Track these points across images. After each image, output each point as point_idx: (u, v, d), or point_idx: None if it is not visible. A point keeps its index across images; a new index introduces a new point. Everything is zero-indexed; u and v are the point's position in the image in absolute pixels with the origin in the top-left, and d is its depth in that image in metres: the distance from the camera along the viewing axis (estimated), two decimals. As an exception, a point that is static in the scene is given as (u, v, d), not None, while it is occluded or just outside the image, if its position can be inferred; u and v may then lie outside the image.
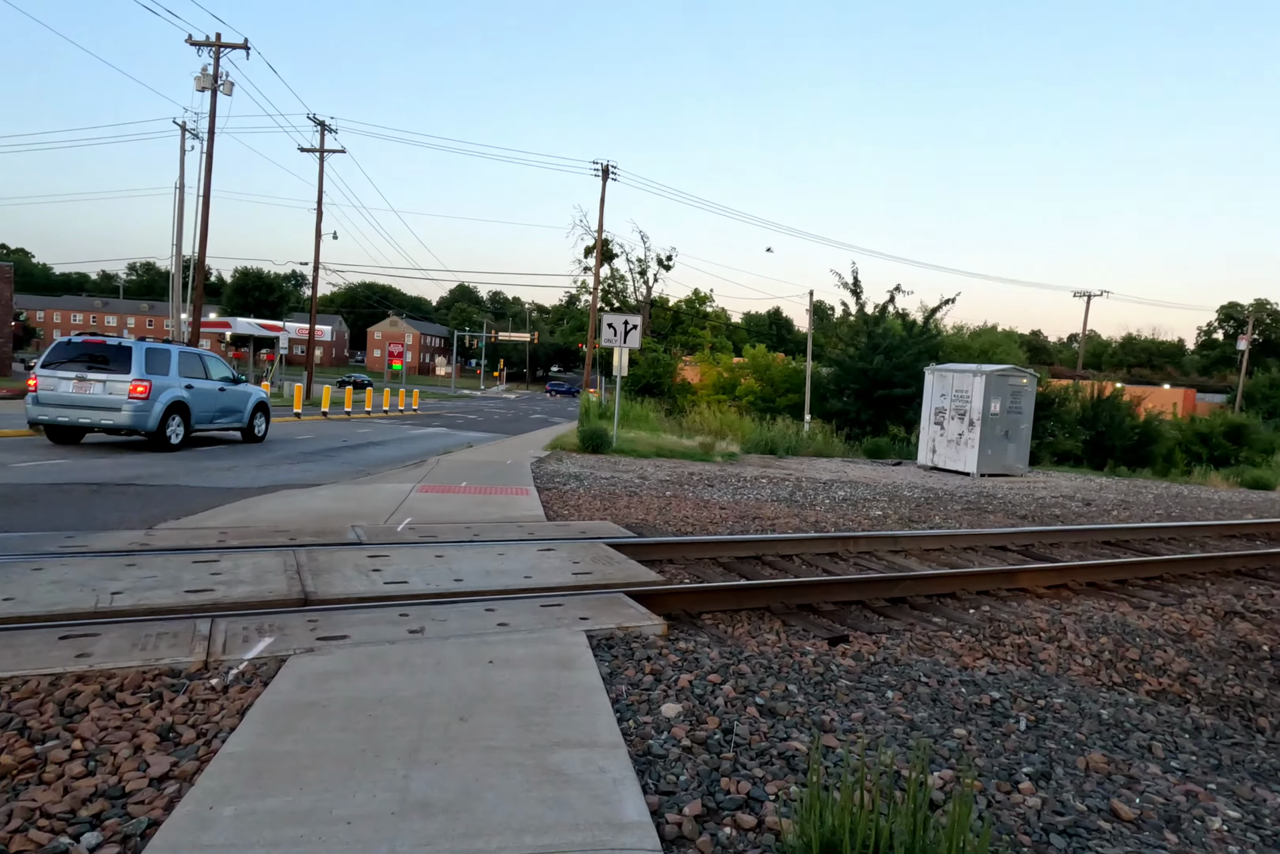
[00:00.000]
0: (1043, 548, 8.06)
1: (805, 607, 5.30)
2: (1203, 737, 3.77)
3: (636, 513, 8.14)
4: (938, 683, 3.97)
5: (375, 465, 11.91)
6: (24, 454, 10.83)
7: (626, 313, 18.37)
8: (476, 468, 11.41)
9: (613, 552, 5.82)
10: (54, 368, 11.49)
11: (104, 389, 11.36)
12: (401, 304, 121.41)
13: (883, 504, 10.58)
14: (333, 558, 5.05)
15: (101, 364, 11.50)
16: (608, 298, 44.32)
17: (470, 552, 5.46)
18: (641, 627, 4.08)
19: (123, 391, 11.33)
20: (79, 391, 11.34)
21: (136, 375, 11.41)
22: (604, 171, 30.10)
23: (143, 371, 11.57)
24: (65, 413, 11.42)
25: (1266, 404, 47.69)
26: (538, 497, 8.64)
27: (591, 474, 11.50)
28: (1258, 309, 70.75)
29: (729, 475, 12.91)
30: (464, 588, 4.55)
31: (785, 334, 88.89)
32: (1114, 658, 4.81)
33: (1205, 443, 32.64)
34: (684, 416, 28.51)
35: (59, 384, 11.37)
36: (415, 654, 3.41)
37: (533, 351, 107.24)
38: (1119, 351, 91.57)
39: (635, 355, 36.97)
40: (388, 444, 16.50)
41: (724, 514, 8.62)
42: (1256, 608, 6.13)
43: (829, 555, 7.01)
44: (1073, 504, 12.25)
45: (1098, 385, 30.18)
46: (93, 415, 11.38)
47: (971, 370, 16.04)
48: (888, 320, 28.89)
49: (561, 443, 16.56)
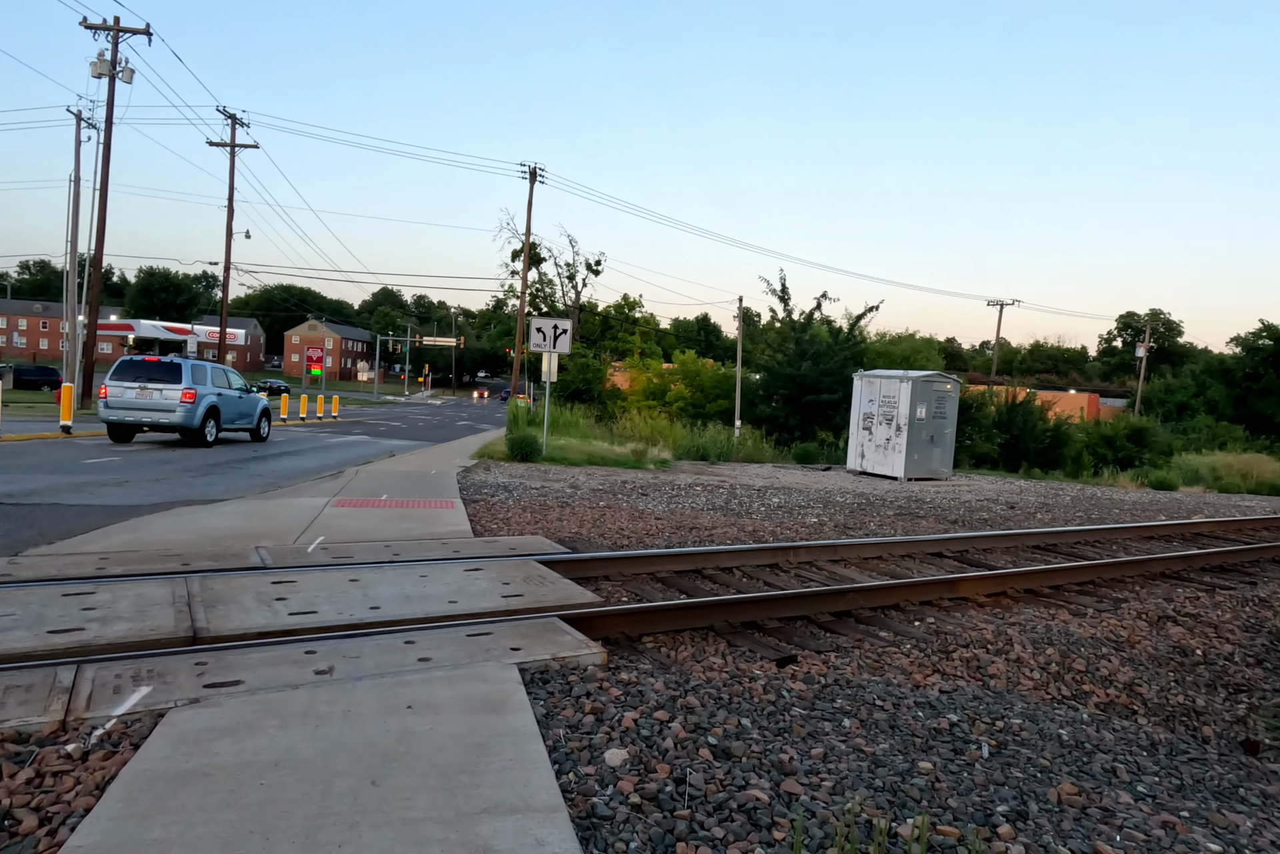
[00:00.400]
0: (977, 553, 8.07)
1: (750, 624, 5.05)
2: (1160, 753, 3.67)
3: (569, 526, 7.77)
4: (893, 706, 3.76)
5: (288, 477, 11.16)
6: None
7: (556, 317, 17.93)
8: (398, 479, 10.82)
9: (545, 570, 5.45)
10: (120, 380, 14.45)
11: (161, 396, 14.46)
12: (321, 307, 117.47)
13: (818, 511, 10.51)
14: (231, 586, 4.52)
15: (158, 377, 14.55)
16: (536, 302, 43.70)
17: (389, 574, 5.00)
18: (579, 656, 3.73)
19: (175, 397, 14.45)
20: (141, 397, 14.43)
21: (186, 385, 14.54)
22: (531, 174, 29.61)
23: (190, 382, 14.63)
24: (130, 414, 14.52)
25: (1162, 408, 50.64)
26: (464, 510, 8.17)
27: (521, 484, 11.06)
28: (1152, 319, 75.35)
29: (663, 483, 12.67)
30: (381, 617, 4.11)
31: (714, 340, 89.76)
32: (1061, 670, 4.72)
33: (1110, 445, 34.28)
34: (614, 423, 28.23)
35: (124, 392, 14.45)
36: (321, 701, 2.97)
37: (459, 357, 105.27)
38: (1028, 358, 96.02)
39: (565, 361, 36.51)
40: (303, 454, 15.62)
41: (660, 525, 8.34)
42: (1186, 611, 6.21)
43: (769, 567, 6.81)
44: (997, 507, 12.48)
45: (1011, 391, 31.32)
46: (152, 416, 14.49)
47: (899, 377, 16.28)
48: (814, 327, 29.32)
49: (489, 451, 16.02)
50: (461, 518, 7.62)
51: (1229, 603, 6.59)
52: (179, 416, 14.51)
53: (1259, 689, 5.12)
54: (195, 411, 14.67)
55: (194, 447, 14.92)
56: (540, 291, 43.95)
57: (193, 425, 14.68)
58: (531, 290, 42.63)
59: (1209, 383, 52.50)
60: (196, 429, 14.80)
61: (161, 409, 14.47)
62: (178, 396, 14.46)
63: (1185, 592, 6.88)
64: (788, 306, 29.18)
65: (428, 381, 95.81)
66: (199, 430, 14.84)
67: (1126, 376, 73.68)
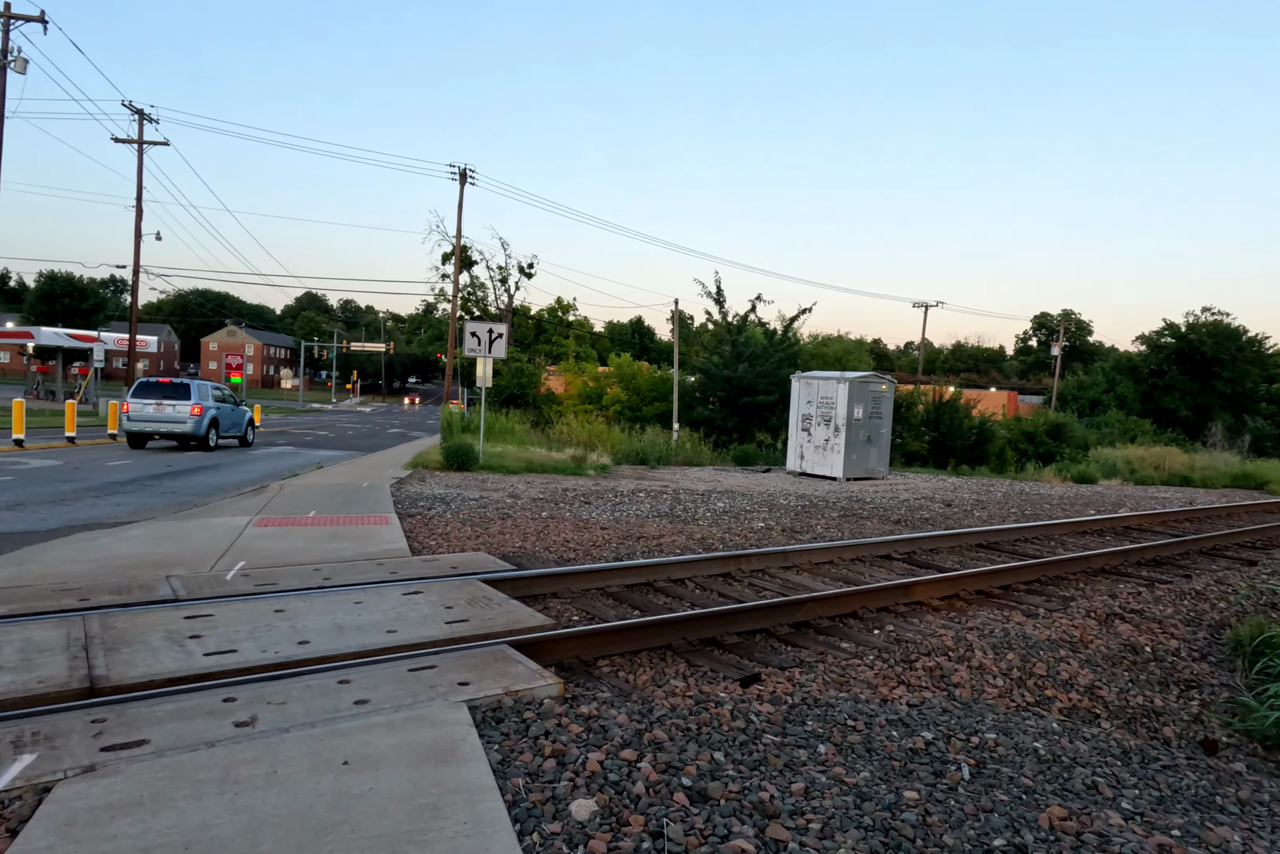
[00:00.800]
0: (924, 554, 8.07)
1: (709, 641, 4.83)
2: (1133, 762, 3.60)
3: (513, 539, 7.42)
4: (865, 725, 3.59)
5: (205, 494, 10.45)
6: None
7: (490, 321, 17.45)
8: (327, 493, 10.25)
9: (490, 590, 5.12)
10: (139, 398, 17.36)
11: (174, 410, 17.31)
12: (241, 312, 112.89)
13: (763, 515, 10.41)
14: (136, 624, 4.05)
15: (171, 395, 17.35)
16: (467, 306, 42.81)
17: (319, 602, 4.59)
18: (533, 689, 3.44)
19: (186, 411, 17.36)
20: (158, 412, 17.30)
21: (194, 401, 17.46)
22: (461, 175, 28.95)
23: (198, 398, 17.56)
24: (149, 425, 17.41)
25: (1076, 404, 53.00)
26: (400, 525, 7.72)
27: (459, 495, 10.63)
28: (1065, 319, 78.97)
29: (605, 490, 12.40)
30: (311, 653, 3.73)
31: (648, 343, 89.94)
32: (1024, 675, 4.66)
33: (1031, 441, 35.57)
34: (551, 428, 27.79)
35: (144, 408, 17.27)
36: (242, 761, 2.60)
37: (388, 363, 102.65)
38: (950, 358, 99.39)
39: (499, 365, 35.85)
40: (222, 468, 14.74)
41: (606, 535, 8.07)
42: (1130, 607, 6.29)
43: (722, 576, 6.62)
44: (935, 506, 12.64)
45: (938, 390, 32.20)
46: (167, 426, 17.40)
47: (836, 378, 16.42)
48: (749, 329, 29.52)
49: (424, 460, 15.45)
50: (397, 535, 7.18)
51: (1169, 597, 6.72)
52: (189, 427, 17.46)
53: (1207, 684, 5.18)
54: (202, 422, 17.61)
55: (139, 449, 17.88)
56: (472, 295, 43.06)
57: (200, 434, 17.62)
58: (463, 294, 41.74)
59: (1118, 379, 55.20)
60: (203, 436, 17.67)
61: (174, 421, 17.41)
62: (188, 410, 17.44)
63: (1127, 587, 6.99)
64: (723, 309, 29.32)
65: (356, 388, 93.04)
66: (204, 437, 17.70)
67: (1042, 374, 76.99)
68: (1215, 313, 54.52)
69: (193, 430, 17.44)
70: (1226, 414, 49.42)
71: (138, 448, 17.81)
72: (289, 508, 8.64)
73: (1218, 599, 6.90)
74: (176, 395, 17.37)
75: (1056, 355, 53.42)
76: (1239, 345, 52.43)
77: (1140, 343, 58.19)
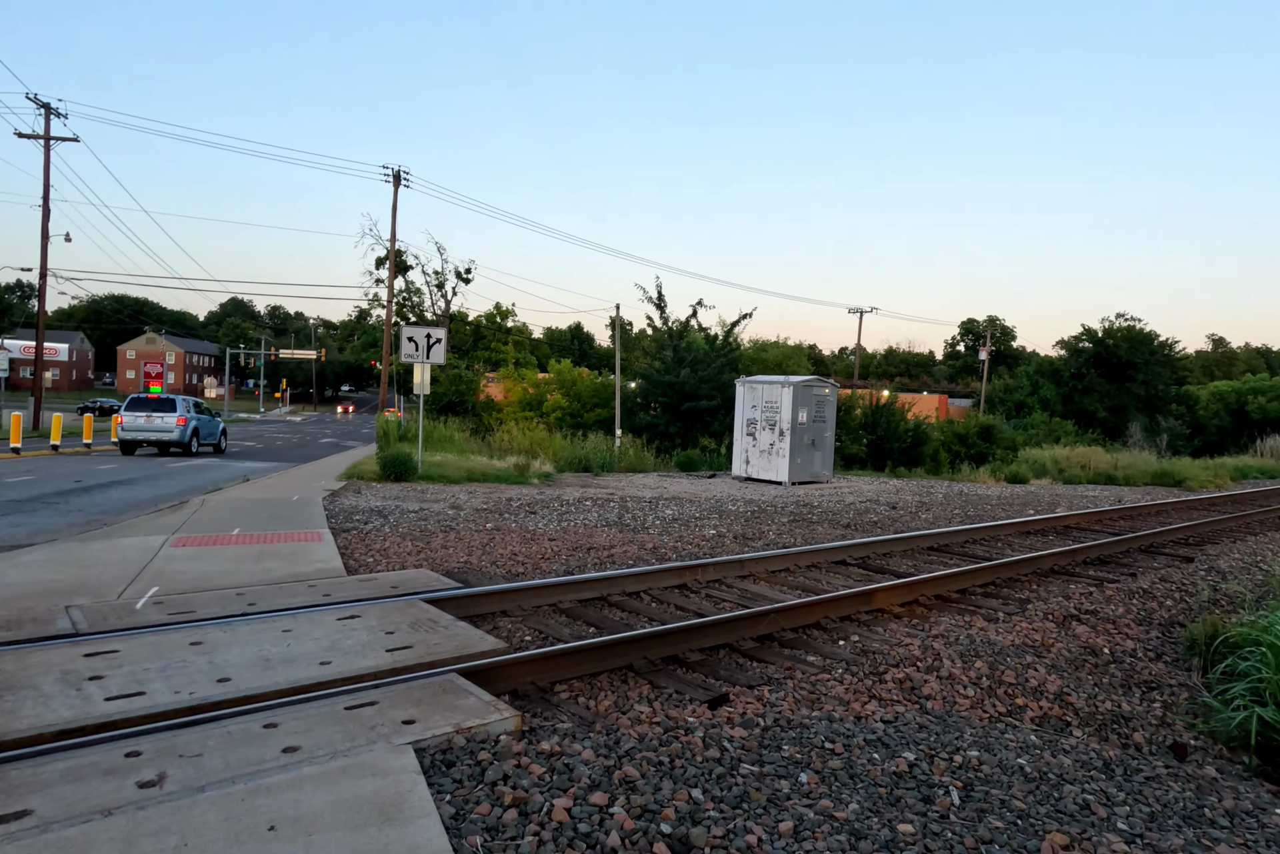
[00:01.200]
0: (878, 559, 7.99)
1: (671, 659, 4.57)
2: (1117, 775, 3.47)
3: (457, 554, 7.02)
4: (844, 748, 3.38)
5: (117, 512, 9.68)
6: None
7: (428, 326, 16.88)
8: (254, 508, 9.61)
9: (435, 611, 4.75)
10: (133, 411, 19.90)
11: (163, 421, 19.92)
12: (161, 319, 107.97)
13: (714, 522, 10.23)
14: (26, 664, 3.55)
15: (158, 408, 20.06)
16: (403, 312, 41.75)
17: (243, 632, 4.15)
18: (488, 724, 3.11)
19: (173, 422, 19.97)
20: (147, 423, 19.87)
21: (180, 413, 20.14)
22: (395, 177, 28.17)
23: (182, 411, 20.25)
24: (140, 434, 19.90)
25: (1003, 406, 54.87)
26: (334, 542, 7.22)
27: (398, 507, 10.12)
28: (990, 324, 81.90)
29: (550, 499, 12.04)
30: (232, 692, 3.31)
31: (587, 349, 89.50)
32: (993, 684, 4.53)
33: (963, 442, 36.58)
34: (491, 436, 27.22)
35: (136, 419, 19.81)
36: (146, 833, 2.21)
37: (320, 370, 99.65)
38: (883, 363, 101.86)
39: (437, 372, 35.01)
40: (138, 482, 13.80)
41: (555, 546, 7.73)
42: (1085, 608, 6.29)
43: (678, 588, 6.38)
44: (881, 508, 12.69)
45: (875, 393, 32.81)
46: (156, 435, 19.93)
47: (780, 382, 16.42)
48: (690, 334, 29.51)
49: (359, 471, 14.80)
50: (331, 552, 6.70)
51: (1119, 596, 6.76)
52: (175, 435, 20.13)
53: (1166, 685, 5.16)
54: (186, 431, 20.33)
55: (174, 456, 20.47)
56: (408, 300, 42.02)
57: (185, 440, 20.34)
58: (398, 299, 40.68)
59: (1041, 383, 57.38)
60: (187, 443, 20.46)
61: (163, 430, 20.04)
62: (174, 421, 20.09)
63: (1078, 587, 7.02)
64: (664, 314, 29.24)
65: (286, 397, 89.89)
66: (188, 443, 20.49)
67: (970, 378, 79.56)
68: (1128, 319, 57.19)
69: (179, 438, 20.20)
70: (1142, 415, 51.86)
71: (128, 454, 20.43)
72: (211, 525, 8.03)
73: (1164, 597, 6.98)
74: (164, 409, 20.18)
75: (984, 360, 55.23)
76: (1151, 349, 55.11)
77: (1061, 347, 60.66)
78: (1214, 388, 63.00)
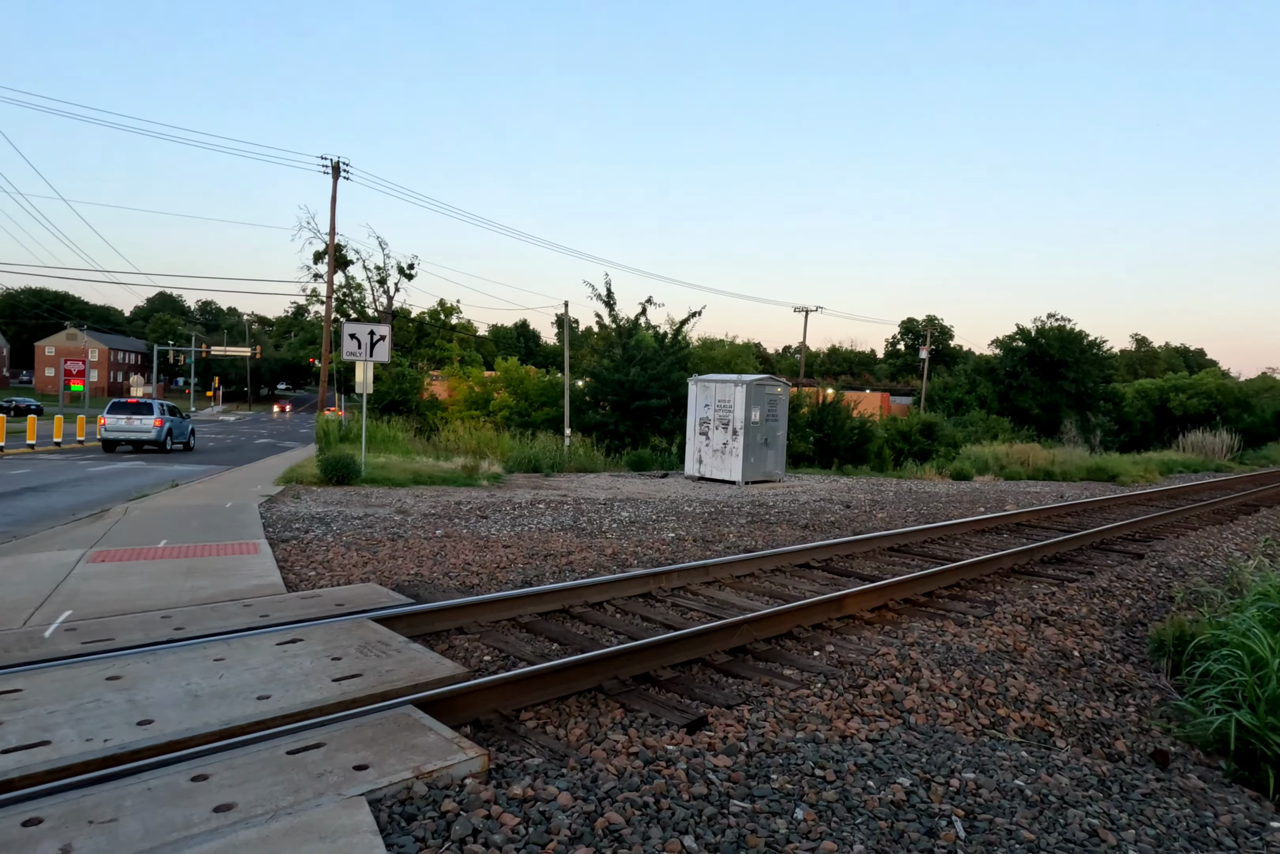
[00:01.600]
0: (841, 561, 7.88)
1: (642, 677, 4.30)
2: (1114, 793, 3.34)
3: (406, 565, 6.62)
4: (835, 774, 3.17)
5: (29, 522, 8.94)
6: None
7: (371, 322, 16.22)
8: (183, 516, 8.99)
9: (386, 631, 4.38)
10: (114, 414, 22.51)
11: (141, 422, 22.54)
12: (83, 314, 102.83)
13: (672, 524, 10.00)
14: (-91, 711, 3.08)
15: (138, 411, 22.75)
16: (343, 308, 40.45)
17: (169, 662, 3.72)
18: (450, 766, 2.80)
19: (150, 423, 22.57)
20: (128, 424, 22.46)
21: (157, 416, 22.85)
22: (334, 168, 27.17)
23: (159, 414, 22.97)
24: (121, 434, 22.47)
25: (943, 404, 56.26)
26: (272, 554, 6.73)
27: (341, 513, 9.61)
28: (929, 324, 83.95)
29: (501, 502, 11.65)
30: (155, 738, 2.92)
31: (533, 347, 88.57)
32: (974, 694, 4.39)
33: (907, 440, 37.29)
34: (437, 435, 26.55)
35: (118, 421, 22.37)
36: (45, 928, 1.84)
37: (255, 368, 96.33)
38: (826, 361, 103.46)
39: (379, 370, 34.02)
40: (54, 489, 12.89)
41: (510, 554, 7.39)
42: (1050, 609, 6.25)
43: (642, 597, 6.12)
44: (836, 507, 12.67)
45: (821, 392, 33.14)
46: (136, 435, 22.50)
47: (733, 381, 16.30)
48: (640, 332, 29.27)
49: (298, 474, 14.12)
50: (269, 566, 6.22)
51: (1080, 596, 6.76)
52: (153, 435, 22.76)
53: (1137, 688, 5.12)
54: (162, 431, 22.96)
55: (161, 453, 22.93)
56: (348, 296, 40.70)
57: (160, 439, 22.98)
58: (338, 295, 39.40)
59: (978, 381, 58.98)
60: (162, 441, 23.01)
61: (142, 431, 22.63)
62: (152, 423, 22.72)
63: (1041, 588, 7.01)
64: (613, 311, 28.93)
65: (218, 396, 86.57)
66: (163, 442, 23.02)
67: (910, 376, 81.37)
68: (1059, 319, 59.15)
69: (155, 437, 22.77)
70: (1073, 412, 53.75)
71: (109, 452, 22.65)
72: (134, 537, 7.43)
73: (1123, 595, 7.01)
74: (142, 412, 22.96)
75: (925, 359, 56.48)
76: (1081, 349, 57.14)
77: (996, 347, 62.44)
78: (1138, 386, 65.77)
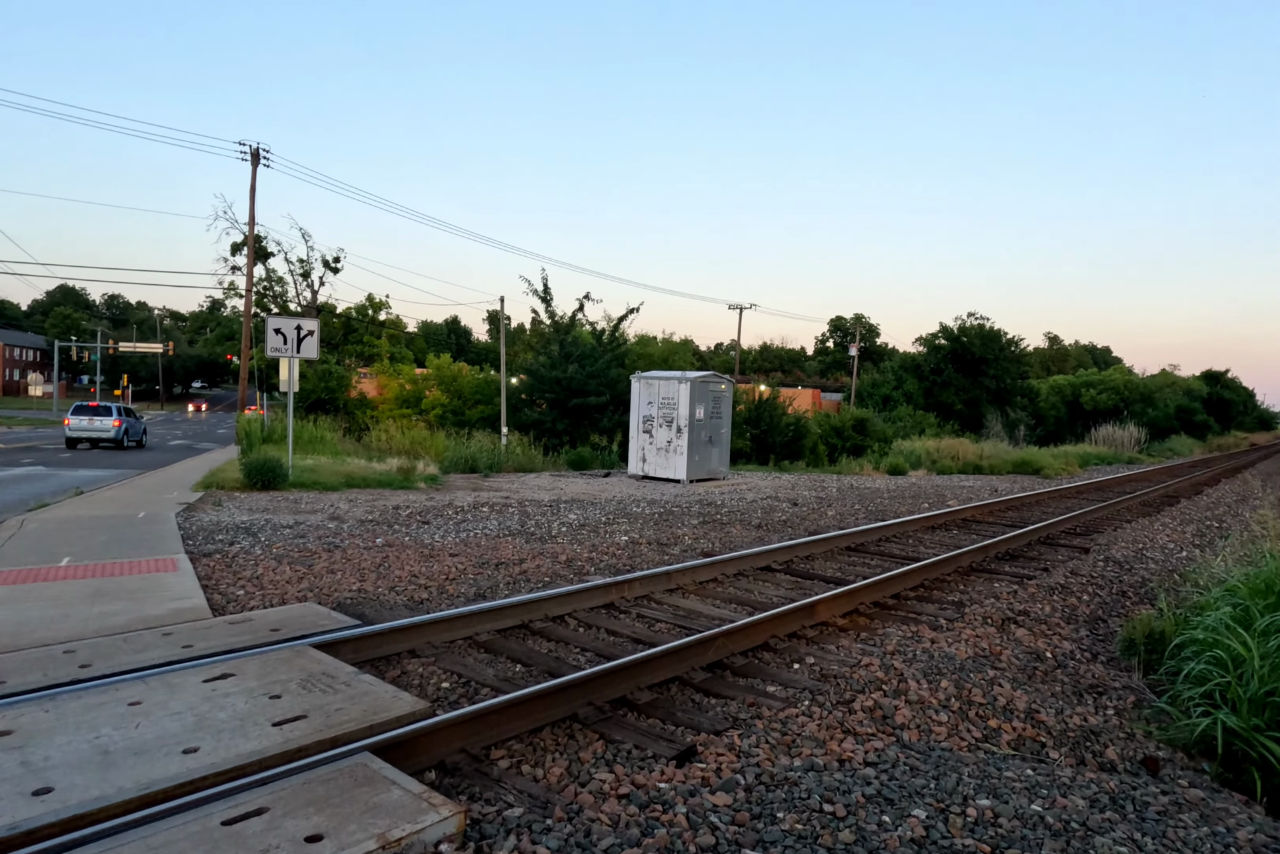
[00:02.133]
0: (801, 563, 7.71)
1: (619, 701, 3.96)
2: (1130, 813, 3.18)
3: (347, 579, 6.09)
4: (845, 809, 2.90)
5: (-92, 539, 7.96)
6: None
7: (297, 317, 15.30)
8: (89, 529, 8.17)
9: (331, 661, 3.91)
10: (78, 415, 25.71)
11: (102, 423, 25.77)
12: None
13: (624, 526, 9.68)
14: None
15: (98, 413, 25.98)
16: (264, 302, 38.58)
17: (72, 710, 3.19)
18: (421, 830, 2.40)
19: (110, 424, 25.82)
20: (90, 424, 25.66)
21: (115, 417, 26.03)
22: (254, 155, 25.76)
23: (117, 415, 26.15)
24: (84, 433, 25.62)
25: (871, 400, 57.59)
26: (193, 571, 6.09)
27: (269, 522, 8.92)
28: (857, 322, 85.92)
29: (442, 506, 11.10)
30: (54, 813, 2.42)
31: (465, 344, 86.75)
32: (964, 706, 4.22)
33: (840, 436, 37.91)
34: (367, 435, 25.55)
35: (80, 421, 25.58)
36: None
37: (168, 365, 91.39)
38: (758, 358, 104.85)
39: (304, 368, 32.57)
40: (-60, 498, 11.70)
41: (459, 564, 6.93)
42: (1018, 609, 6.18)
43: (605, 608, 5.78)
44: (784, 506, 12.57)
45: (756, 389, 33.33)
46: (96, 434, 25.67)
47: (677, 378, 16.07)
48: (577, 329, 28.81)
49: (218, 479, 13.21)
50: (191, 585, 5.60)
51: (1041, 594, 6.74)
52: (113, 434, 25.63)
53: (1111, 689, 5.06)
54: (120, 431, 25.86)
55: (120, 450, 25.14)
56: (269, 290, 38.83)
57: (118, 438, 25.77)
58: (259, 289, 37.52)
59: (905, 377, 60.59)
60: (119, 439, 25.81)
61: (102, 430, 25.50)
62: (112, 423, 25.67)
63: (1003, 586, 6.97)
64: (550, 308, 28.37)
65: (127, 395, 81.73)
66: (120, 439, 25.87)
67: (839, 373, 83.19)
68: (978, 318, 61.28)
69: (115, 436, 25.73)
70: (993, 407, 55.76)
71: (71, 449, 25.13)
72: (31, 554, 6.65)
73: (1080, 592, 7.04)
74: (102, 414, 25.85)
75: (854, 355, 57.65)
76: (1000, 346, 59.35)
77: (921, 344, 64.27)
78: (1052, 382, 68.76)
